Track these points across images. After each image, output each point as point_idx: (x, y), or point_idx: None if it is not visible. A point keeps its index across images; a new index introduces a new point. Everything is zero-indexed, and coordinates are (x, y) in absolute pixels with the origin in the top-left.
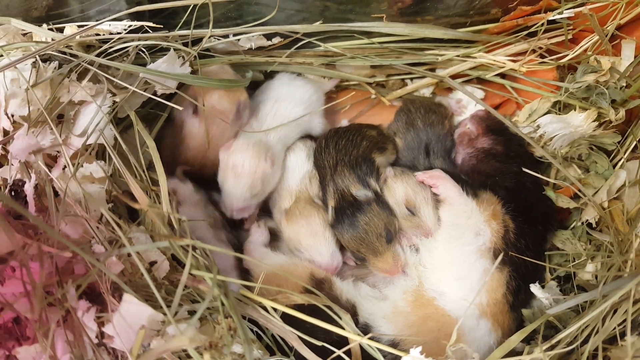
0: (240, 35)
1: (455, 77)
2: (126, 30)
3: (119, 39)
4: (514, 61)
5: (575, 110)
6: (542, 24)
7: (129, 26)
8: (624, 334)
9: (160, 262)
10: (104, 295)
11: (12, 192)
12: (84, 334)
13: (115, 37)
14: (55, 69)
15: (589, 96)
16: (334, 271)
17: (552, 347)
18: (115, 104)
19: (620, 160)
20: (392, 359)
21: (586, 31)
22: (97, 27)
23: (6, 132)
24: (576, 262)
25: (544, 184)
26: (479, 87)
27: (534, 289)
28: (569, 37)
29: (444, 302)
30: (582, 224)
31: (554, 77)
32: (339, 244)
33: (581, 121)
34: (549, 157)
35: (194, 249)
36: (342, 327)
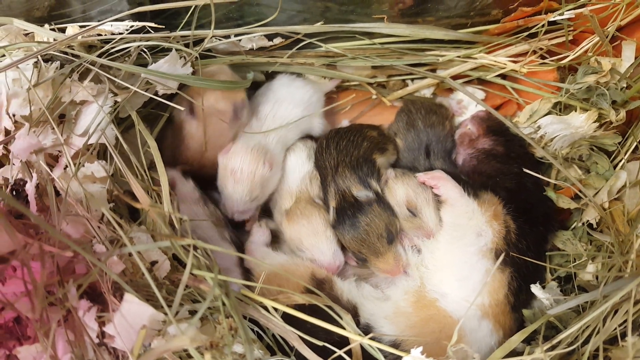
0: (241, 35)
1: (456, 77)
2: (128, 30)
3: (121, 39)
4: (515, 62)
5: (575, 111)
6: (543, 25)
7: (131, 27)
8: (624, 335)
9: (161, 262)
10: (105, 294)
11: (14, 192)
12: (85, 333)
13: (117, 38)
14: (57, 69)
15: (589, 97)
16: (336, 270)
17: (552, 348)
18: (116, 104)
19: (620, 161)
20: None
21: (587, 32)
22: (99, 27)
23: (8, 131)
24: (577, 262)
25: (544, 185)
26: (480, 87)
27: (535, 289)
28: (570, 38)
29: (446, 303)
30: (583, 224)
31: (555, 78)
32: (340, 244)
33: (582, 122)
34: (549, 157)
35: (195, 248)
36: (343, 328)
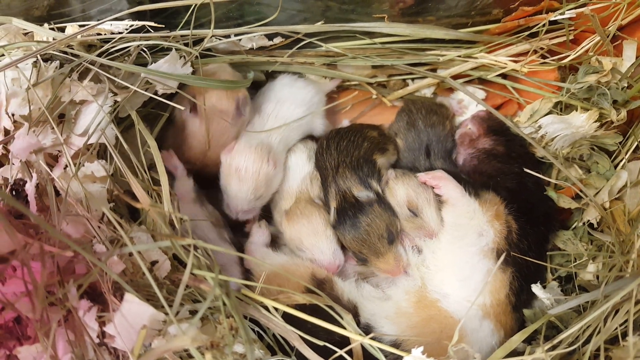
0: (241, 35)
1: (456, 77)
2: (127, 30)
3: (121, 38)
4: (516, 62)
5: (576, 110)
6: (544, 25)
7: (131, 26)
8: (625, 334)
9: (161, 262)
10: (105, 294)
11: (13, 192)
12: (85, 333)
13: (116, 37)
14: (56, 68)
15: (590, 97)
16: (337, 269)
17: (553, 348)
18: (116, 103)
19: (621, 160)
20: (394, 359)
21: (588, 32)
22: (98, 26)
23: (7, 131)
24: (577, 262)
25: (545, 185)
26: (481, 87)
27: (536, 289)
28: (571, 37)
29: (447, 303)
30: (584, 224)
31: (556, 77)
32: (340, 243)
33: (583, 122)
34: (550, 157)
35: (196, 248)
36: (344, 327)
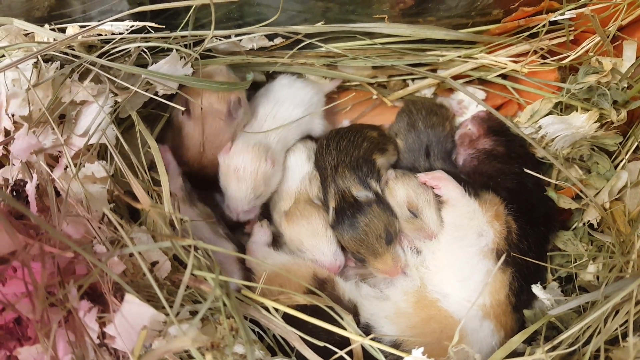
0: (242, 36)
1: (456, 77)
2: (128, 30)
3: (121, 39)
4: (516, 62)
5: (576, 111)
6: (544, 25)
7: (131, 27)
8: (625, 335)
9: (162, 263)
10: (105, 295)
11: (14, 192)
12: (86, 334)
13: (117, 38)
14: (57, 69)
15: (590, 97)
16: (337, 270)
17: (553, 348)
18: (117, 104)
19: (621, 161)
20: None
21: (588, 32)
22: (99, 27)
23: (7, 132)
24: (578, 263)
25: (545, 185)
26: (481, 88)
27: (536, 289)
28: (571, 38)
29: (447, 303)
30: (584, 224)
31: (556, 78)
32: (340, 244)
33: (583, 122)
34: (550, 158)
35: (196, 249)
36: (344, 328)
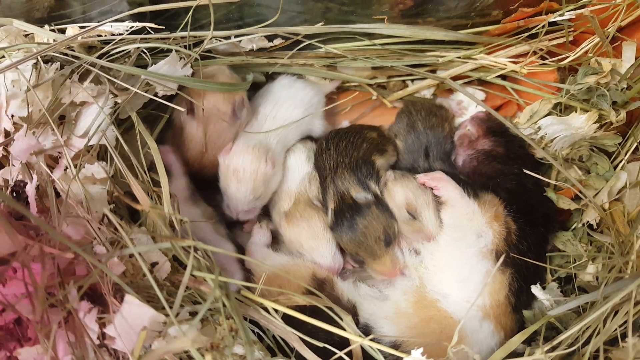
0: (241, 36)
1: (456, 78)
2: (128, 31)
3: (121, 40)
4: (515, 63)
5: (576, 111)
6: (543, 26)
7: (131, 27)
8: (625, 336)
9: (161, 263)
10: (105, 296)
11: (14, 193)
12: (86, 335)
13: (117, 39)
14: (57, 70)
15: (589, 98)
16: (336, 272)
17: (553, 349)
18: (116, 105)
19: (621, 161)
20: None
21: (587, 33)
22: (99, 28)
23: (7, 133)
24: (577, 263)
25: (545, 186)
26: (480, 88)
27: (535, 290)
28: (570, 38)
29: (447, 304)
30: (583, 225)
31: (555, 78)
32: (339, 246)
33: (582, 123)
34: (549, 158)
35: (196, 249)
36: (344, 329)
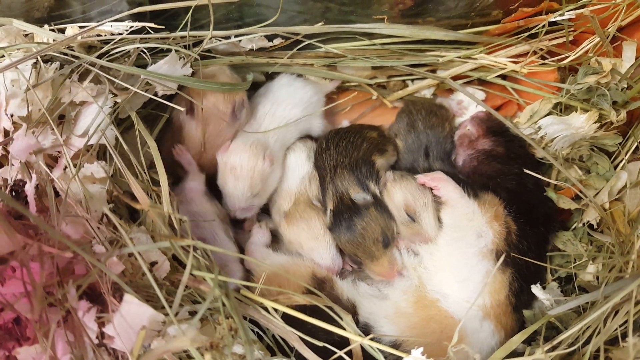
0: (241, 36)
1: (456, 78)
2: (127, 31)
3: (121, 40)
4: (515, 62)
5: (576, 111)
6: (543, 26)
7: (131, 27)
8: (625, 335)
9: (161, 263)
10: (104, 295)
11: (13, 193)
12: (85, 334)
13: (116, 38)
14: (56, 69)
15: (590, 97)
16: (335, 273)
17: (553, 348)
18: (116, 104)
19: (621, 161)
20: None
21: (587, 33)
22: (98, 28)
23: (7, 132)
24: (577, 263)
25: (545, 185)
26: (480, 88)
27: (535, 290)
28: (570, 38)
29: (447, 303)
30: (584, 225)
31: (555, 78)
32: (338, 247)
33: (582, 122)
34: (550, 158)
35: (195, 249)
36: (343, 328)
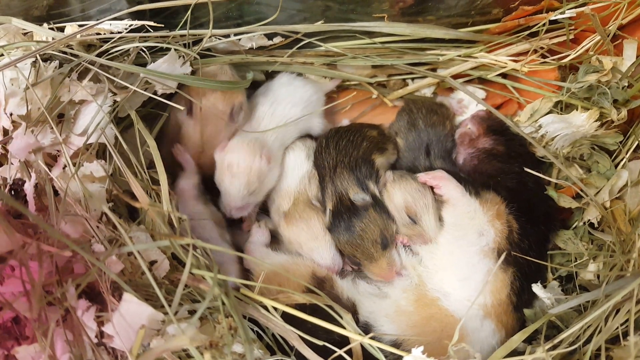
0: (241, 35)
1: (456, 77)
2: (127, 29)
3: (120, 38)
4: (516, 61)
5: (577, 110)
6: (544, 24)
7: (130, 26)
8: (626, 334)
9: (160, 262)
10: (103, 294)
11: (12, 192)
12: (84, 333)
13: (116, 37)
14: (55, 68)
15: (590, 96)
16: (335, 273)
17: (554, 347)
18: (115, 103)
19: (622, 160)
20: (394, 359)
21: (588, 31)
22: (97, 26)
23: (6, 131)
24: (578, 262)
25: (545, 184)
26: (481, 87)
27: (536, 289)
28: (571, 37)
29: (448, 302)
30: (584, 223)
31: (556, 77)
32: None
33: (583, 121)
34: (550, 157)
35: (195, 248)
36: (343, 327)
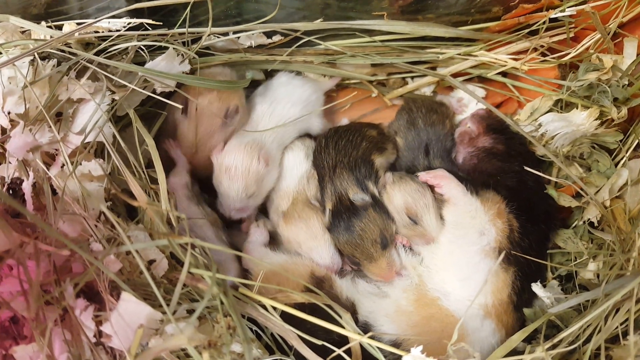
0: (240, 33)
1: (456, 75)
2: (125, 28)
3: (118, 36)
4: (516, 59)
5: (577, 108)
6: (544, 22)
7: (128, 24)
8: (626, 333)
9: (159, 261)
10: (102, 293)
11: (10, 190)
12: (82, 332)
13: (114, 35)
14: (54, 66)
15: (591, 94)
16: (335, 273)
17: (553, 347)
18: (114, 102)
19: (622, 158)
20: (394, 359)
21: (588, 29)
22: (96, 24)
23: (4, 130)
24: (578, 261)
25: (545, 183)
26: (480, 85)
27: (536, 288)
28: (571, 35)
29: (448, 302)
30: (584, 222)
31: (556, 75)
32: (337, 247)
33: (583, 119)
34: (550, 155)
35: (193, 247)
36: (343, 326)
